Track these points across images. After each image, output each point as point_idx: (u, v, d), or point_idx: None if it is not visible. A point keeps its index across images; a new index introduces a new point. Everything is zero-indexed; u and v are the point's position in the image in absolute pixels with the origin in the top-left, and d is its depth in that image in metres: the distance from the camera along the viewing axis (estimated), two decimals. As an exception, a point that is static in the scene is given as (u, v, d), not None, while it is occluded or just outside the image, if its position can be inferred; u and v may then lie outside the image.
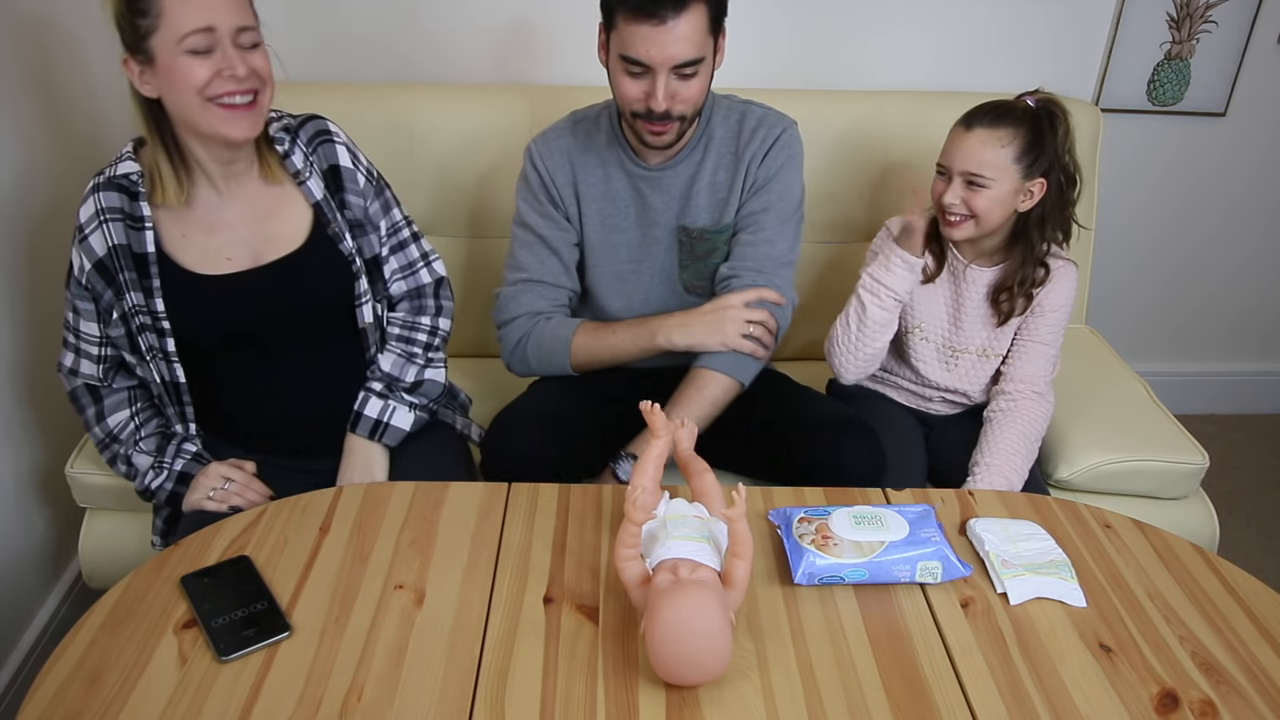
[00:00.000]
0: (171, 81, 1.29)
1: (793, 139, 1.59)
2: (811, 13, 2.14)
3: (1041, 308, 1.62)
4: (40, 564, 1.82)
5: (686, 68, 1.40)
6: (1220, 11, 2.21)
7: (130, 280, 1.38)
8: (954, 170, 1.53)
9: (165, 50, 1.27)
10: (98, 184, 1.38)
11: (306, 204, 1.46)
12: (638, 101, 1.44)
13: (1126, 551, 1.27)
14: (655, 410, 1.25)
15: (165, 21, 1.25)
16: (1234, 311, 2.66)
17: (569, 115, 1.65)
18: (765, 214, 1.58)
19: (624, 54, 1.41)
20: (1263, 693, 1.06)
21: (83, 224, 1.38)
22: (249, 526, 1.25)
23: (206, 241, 1.41)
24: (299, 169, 1.44)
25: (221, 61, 1.28)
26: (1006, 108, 1.54)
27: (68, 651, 1.06)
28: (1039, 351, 1.63)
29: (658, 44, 1.38)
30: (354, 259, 1.47)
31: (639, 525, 1.11)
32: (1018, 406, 1.62)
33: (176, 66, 1.27)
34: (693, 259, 1.62)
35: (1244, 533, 2.33)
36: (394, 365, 1.54)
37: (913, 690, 1.04)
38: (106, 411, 1.48)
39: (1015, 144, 1.51)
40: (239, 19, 1.29)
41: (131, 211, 1.38)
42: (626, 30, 1.39)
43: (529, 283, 1.61)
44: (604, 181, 1.60)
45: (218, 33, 1.27)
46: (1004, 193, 1.53)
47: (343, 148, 1.48)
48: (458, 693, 1.02)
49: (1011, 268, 1.62)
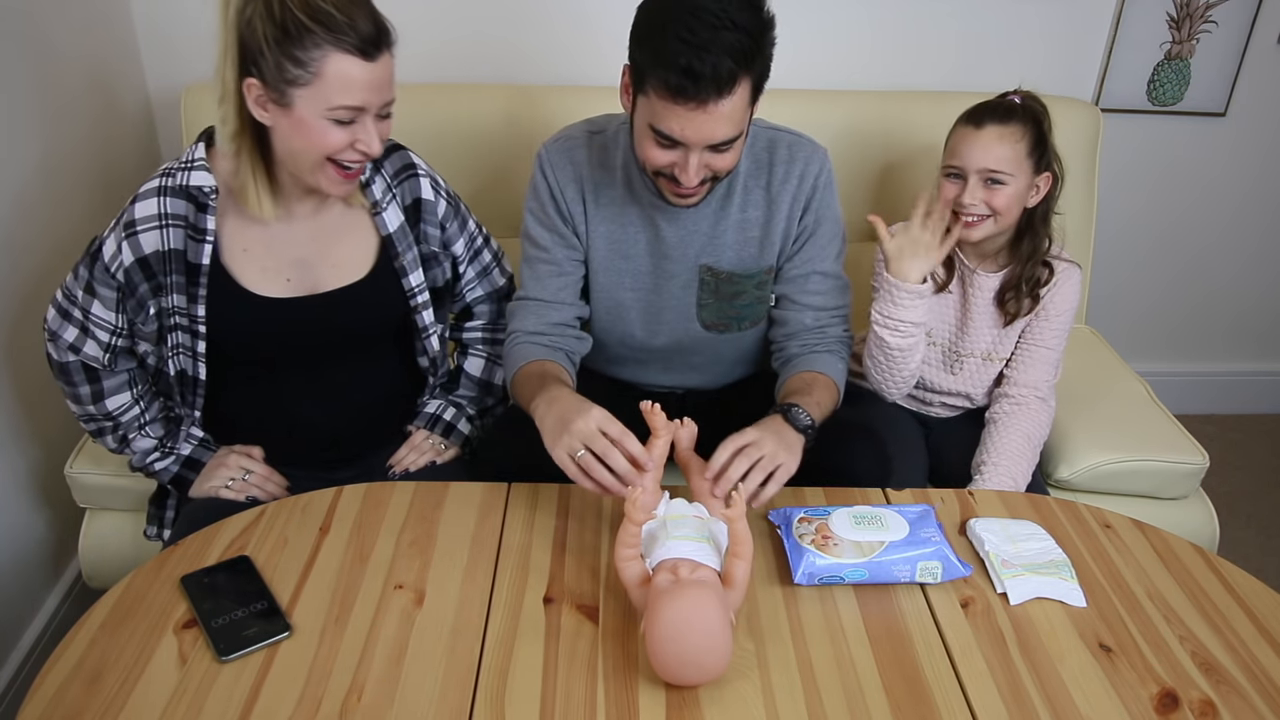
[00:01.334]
0: (301, 135, 1.25)
1: (831, 173, 1.50)
2: (811, 13, 2.14)
3: (1046, 311, 1.62)
4: (40, 564, 1.82)
5: (722, 145, 1.29)
6: (1220, 11, 2.21)
7: (176, 283, 1.35)
8: (969, 170, 1.52)
9: (307, 107, 1.23)
10: (165, 187, 1.33)
11: (376, 234, 1.43)
12: (664, 167, 1.33)
13: (1126, 551, 1.27)
14: (656, 410, 1.25)
15: (320, 86, 1.21)
16: (1234, 311, 2.66)
17: (584, 123, 1.53)
18: (824, 257, 1.51)
19: (655, 126, 1.27)
20: (1263, 693, 1.06)
21: (136, 220, 1.33)
22: (249, 526, 1.25)
23: (266, 259, 1.38)
24: (377, 199, 1.42)
25: (360, 133, 1.26)
26: (1006, 105, 1.54)
27: (68, 651, 1.06)
28: (1042, 356, 1.63)
29: (694, 125, 1.24)
30: (415, 295, 1.46)
31: (639, 525, 1.11)
32: (1021, 410, 1.62)
33: (315, 127, 1.24)
34: (716, 299, 1.53)
35: (1244, 533, 2.33)
36: (484, 370, 1.57)
37: (913, 690, 1.04)
38: (106, 393, 1.46)
39: (1026, 139, 1.52)
40: (386, 96, 1.28)
41: (196, 223, 1.33)
42: (660, 105, 1.25)
43: (525, 301, 1.53)
44: (616, 204, 1.49)
45: (366, 110, 1.26)
46: (1021, 188, 1.53)
47: (426, 180, 1.46)
48: (458, 693, 1.02)
49: (1017, 269, 1.62)
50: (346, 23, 1.19)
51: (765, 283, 1.53)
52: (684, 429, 1.33)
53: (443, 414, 1.56)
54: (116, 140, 2.03)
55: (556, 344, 1.50)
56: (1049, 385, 1.64)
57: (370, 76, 1.23)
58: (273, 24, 1.18)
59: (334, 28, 1.19)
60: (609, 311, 1.58)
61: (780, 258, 1.52)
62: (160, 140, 2.19)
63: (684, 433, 1.33)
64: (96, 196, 1.95)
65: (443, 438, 1.55)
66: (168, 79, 2.12)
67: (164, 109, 2.15)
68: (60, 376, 1.47)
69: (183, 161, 1.35)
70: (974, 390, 1.69)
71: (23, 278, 1.73)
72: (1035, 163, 1.54)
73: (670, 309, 1.55)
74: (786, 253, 1.52)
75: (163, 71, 2.12)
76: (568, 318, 1.52)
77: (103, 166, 1.98)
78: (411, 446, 1.53)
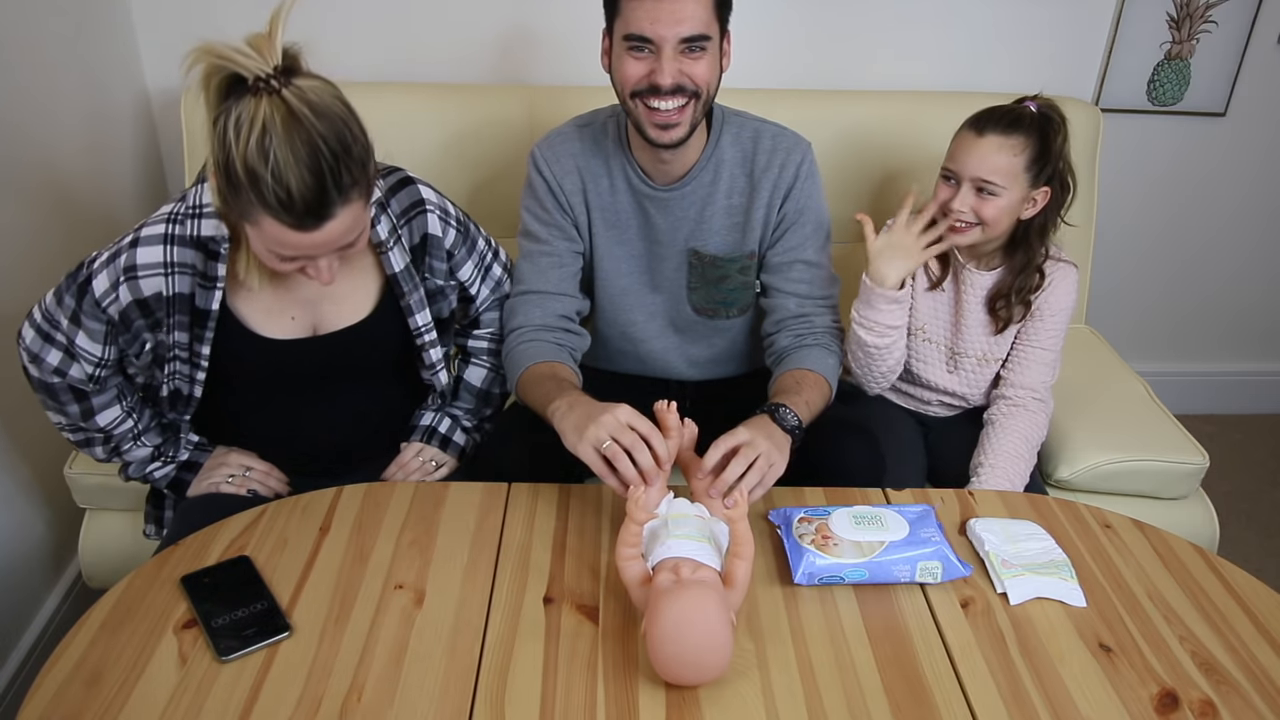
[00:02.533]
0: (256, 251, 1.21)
1: (813, 164, 1.55)
2: (811, 13, 2.14)
3: (1041, 312, 1.61)
4: (40, 564, 1.82)
5: (693, 43, 1.36)
6: (1220, 11, 2.21)
7: (179, 323, 1.32)
8: (964, 176, 1.52)
9: (255, 238, 1.18)
10: (172, 235, 1.27)
11: (380, 271, 1.41)
12: (642, 79, 1.38)
13: (1126, 551, 1.27)
14: (671, 409, 1.25)
15: (260, 233, 1.16)
16: (1234, 311, 2.66)
17: (572, 120, 1.59)
18: (806, 246, 1.54)
19: (628, 33, 1.36)
20: (1263, 693, 1.06)
21: (138, 265, 1.27)
22: (249, 526, 1.25)
23: (273, 300, 1.35)
24: (382, 239, 1.38)
25: (309, 266, 1.21)
26: (1016, 114, 1.52)
27: (68, 651, 1.06)
28: (1039, 357, 1.62)
29: (662, 15, 1.33)
30: (421, 334, 1.44)
31: (640, 524, 1.11)
32: (1019, 411, 1.61)
33: (262, 254, 1.19)
34: (703, 283, 1.58)
35: (1244, 533, 2.33)
36: (485, 380, 1.56)
37: (913, 690, 1.04)
38: (96, 409, 1.42)
39: (1027, 152, 1.50)
40: (342, 241, 1.19)
41: (206, 270, 1.29)
42: (629, 8, 1.35)
43: (526, 294, 1.54)
44: (610, 192, 1.55)
45: (311, 257, 1.20)
46: (1013, 200, 1.52)
47: (434, 214, 1.41)
48: (458, 693, 1.02)
49: (1009, 275, 1.61)
50: (277, 192, 1.09)
51: (749, 268, 1.58)
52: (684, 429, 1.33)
53: (438, 426, 1.54)
54: (116, 141, 2.03)
55: (562, 341, 1.52)
56: (1046, 387, 1.64)
57: (310, 240, 1.15)
58: (221, 159, 1.11)
59: (262, 199, 1.10)
60: (611, 300, 1.61)
61: (762, 245, 1.56)
62: (160, 141, 2.19)
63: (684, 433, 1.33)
64: (95, 197, 1.95)
65: (439, 450, 1.53)
66: (168, 79, 2.12)
67: (164, 109, 2.15)
68: (43, 393, 1.41)
69: (190, 207, 1.29)
70: (971, 391, 1.69)
71: (20, 279, 1.72)
72: (1034, 175, 1.51)
73: (664, 291, 1.60)
74: (768, 240, 1.56)
75: (162, 72, 2.12)
76: (570, 310, 1.55)
77: (102, 167, 1.98)
78: (400, 465, 1.51)
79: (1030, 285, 1.60)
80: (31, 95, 1.74)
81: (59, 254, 1.82)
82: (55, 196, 1.82)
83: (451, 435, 1.54)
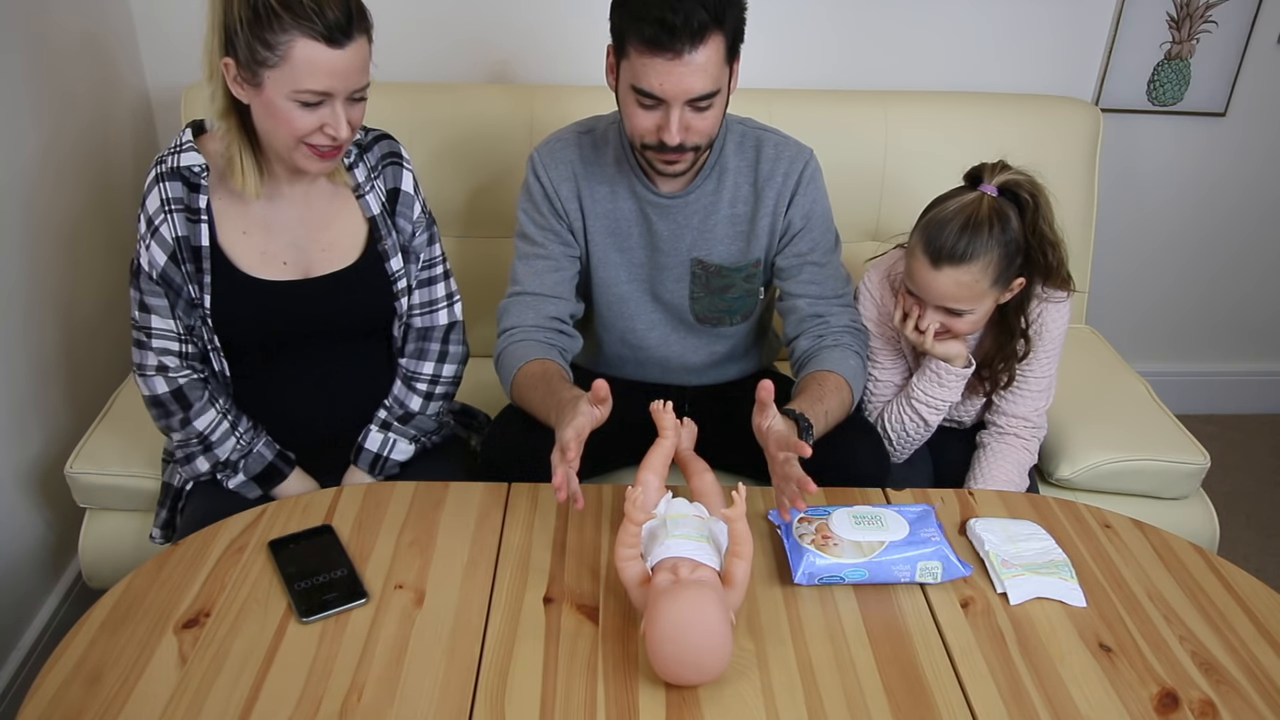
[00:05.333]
0: (270, 116, 1.27)
1: (816, 170, 1.54)
2: (812, 14, 2.14)
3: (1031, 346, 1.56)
4: (40, 564, 1.82)
5: (701, 101, 1.34)
6: (1220, 11, 2.21)
7: (190, 273, 1.36)
8: (927, 300, 1.47)
9: (274, 90, 1.24)
10: (160, 173, 1.35)
11: (363, 217, 1.44)
12: (649, 134, 1.38)
13: (1126, 551, 1.27)
14: (667, 409, 1.25)
15: (287, 69, 1.22)
16: (1234, 311, 2.66)
17: (574, 125, 1.57)
18: (815, 250, 1.54)
19: (636, 85, 1.34)
20: (1263, 693, 1.06)
21: (151, 216, 1.34)
22: (250, 526, 1.25)
23: (265, 242, 1.39)
24: (359, 183, 1.43)
25: (328, 117, 1.27)
26: (972, 230, 1.39)
27: (68, 651, 1.06)
28: (1032, 386, 1.58)
29: (672, 78, 1.31)
30: (396, 280, 1.45)
31: (639, 525, 1.11)
32: (1011, 439, 1.59)
33: (282, 109, 1.25)
34: (707, 292, 1.57)
35: (1244, 533, 2.33)
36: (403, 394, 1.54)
37: (913, 690, 1.04)
38: (193, 417, 1.42)
39: (988, 274, 1.41)
40: (356, 82, 1.28)
41: (190, 203, 1.35)
42: (639, 62, 1.32)
43: (520, 295, 1.54)
44: (610, 199, 1.54)
45: (333, 95, 1.26)
46: (985, 311, 1.48)
47: (409, 174, 1.46)
48: (458, 693, 1.02)
49: (991, 349, 1.57)
50: (313, 9, 1.20)
51: (754, 275, 1.57)
52: (684, 429, 1.33)
53: (384, 451, 1.51)
54: (116, 141, 2.03)
55: (553, 340, 1.51)
56: (1040, 413, 1.61)
57: (336, 63, 1.23)
58: (246, 6, 1.21)
59: (300, 14, 1.20)
60: (609, 307, 1.60)
61: (769, 252, 1.56)
62: (160, 141, 2.19)
63: (684, 433, 1.33)
64: (96, 197, 1.95)
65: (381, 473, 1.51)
66: (168, 79, 2.12)
67: (164, 109, 2.16)
68: (154, 408, 1.44)
69: (171, 147, 1.37)
70: (964, 418, 1.68)
71: (22, 277, 1.72)
72: (1003, 279, 1.43)
73: (666, 300, 1.59)
74: (775, 248, 1.55)
75: (163, 71, 2.12)
76: (562, 312, 1.54)
77: (102, 167, 1.98)
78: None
79: (1014, 353, 1.55)
80: (31, 96, 1.74)
81: (59, 254, 1.82)
82: (55, 196, 1.82)
83: (392, 454, 1.51)
